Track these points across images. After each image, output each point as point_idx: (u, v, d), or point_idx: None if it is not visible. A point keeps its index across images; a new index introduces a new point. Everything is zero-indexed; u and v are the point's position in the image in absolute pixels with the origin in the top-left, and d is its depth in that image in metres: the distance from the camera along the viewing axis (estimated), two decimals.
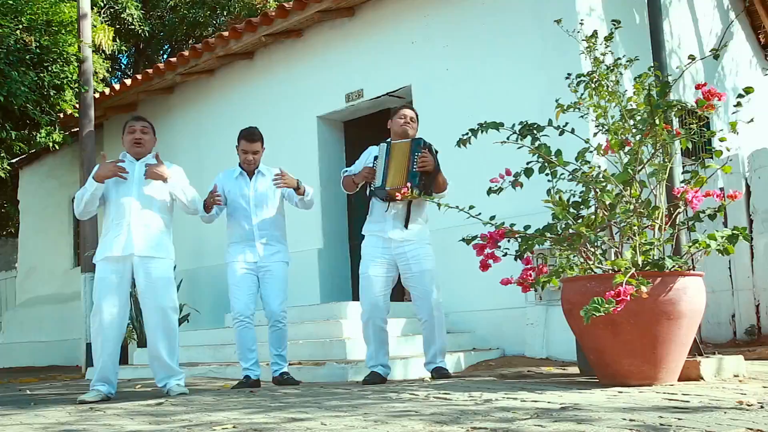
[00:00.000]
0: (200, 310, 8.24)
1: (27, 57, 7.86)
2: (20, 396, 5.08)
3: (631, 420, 2.41)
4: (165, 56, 17.59)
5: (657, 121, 3.38)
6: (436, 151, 4.70)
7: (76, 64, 8.40)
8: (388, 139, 4.77)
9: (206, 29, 15.68)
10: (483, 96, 6.56)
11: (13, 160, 12.09)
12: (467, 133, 3.91)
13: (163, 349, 4.43)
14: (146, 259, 4.41)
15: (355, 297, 7.71)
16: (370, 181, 4.69)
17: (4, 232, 19.36)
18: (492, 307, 6.32)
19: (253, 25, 7.81)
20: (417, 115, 4.88)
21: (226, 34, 8.11)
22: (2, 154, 10.08)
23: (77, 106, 8.67)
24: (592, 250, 3.69)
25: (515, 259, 4.03)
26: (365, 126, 8.13)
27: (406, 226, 4.66)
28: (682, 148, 3.66)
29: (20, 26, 7.93)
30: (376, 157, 4.75)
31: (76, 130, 9.55)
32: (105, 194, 4.49)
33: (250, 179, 5.02)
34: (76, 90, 8.51)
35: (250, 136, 5.01)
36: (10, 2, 7.79)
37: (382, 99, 7.44)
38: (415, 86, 7.11)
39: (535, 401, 3.07)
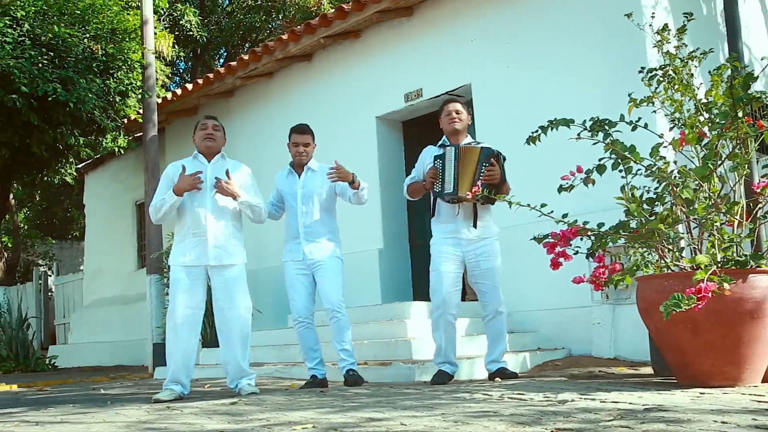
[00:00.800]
0: (262, 311, 8.32)
1: (94, 65, 8.08)
2: (96, 395, 5.21)
3: (723, 422, 2.34)
4: (221, 60, 17.89)
5: (740, 114, 3.27)
6: (504, 158, 4.68)
7: (139, 70, 8.59)
8: (457, 144, 4.71)
9: (261, 33, 15.89)
10: (544, 93, 6.48)
11: (79, 166, 12.46)
12: (537, 131, 3.85)
13: (237, 351, 4.51)
14: (222, 266, 4.52)
15: (416, 297, 7.73)
16: (435, 182, 4.67)
17: (70, 236, 19.99)
18: (556, 307, 6.24)
19: (311, 27, 7.87)
20: (464, 104, 4.85)
21: (285, 37, 8.19)
22: (70, 160, 10.38)
23: (141, 111, 8.89)
24: (669, 247, 3.59)
25: (587, 258, 3.97)
26: (424, 125, 8.10)
27: (474, 226, 4.64)
28: (765, 142, 3.53)
29: (87, 35, 8.15)
30: (436, 158, 4.72)
31: (139, 134, 9.77)
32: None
33: (299, 177, 5.01)
34: (140, 96, 8.71)
35: (301, 128, 5.04)
36: (78, 12, 8.02)
37: (442, 98, 7.39)
38: (475, 84, 7.07)
39: (616, 402, 3.01)
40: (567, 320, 6.17)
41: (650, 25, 4.05)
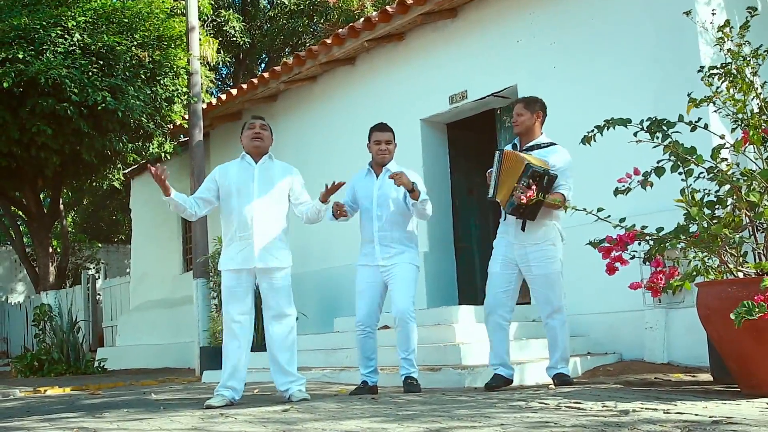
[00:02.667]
0: (308, 315, 8.34)
1: (141, 72, 8.20)
2: (147, 400, 5.25)
3: None
4: (263, 65, 18.00)
5: None
6: (548, 178, 4.31)
7: (185, 76, 8.68)
8: (501, 149, 4.68)
9: (303, 38, 15.95)
10: (593, 93, 6.36)
11: (126, 171, 12.66)
12: (592, 130, 3.77)
13: (284, 356, 4.51)
14: (268, 269, 4.52)
15: (462, 301, 7.66)
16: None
17: (115, 240, 20.34)
18: (606, 310, 6.12)
19: (355, 30, 7.85)
20: (528, 103, 4.73)
21: (328, 40, 8.19)
22: (118, 166, 10.54)
23: (186, 117, 8.98)
24: (732, 252, 3.48)
25: (644, 262, 3.87)
26: (469, 127, 8.05)
27: (522, 229, 4.56)
28: None
29: (135, 43, 8.27)
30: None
31: (184, 139, 9.87)
32: (226, 203, 4.63)
33: (377, 178, 4.90)
34: (186, 102, 8.80)
35: (382, 126, 4.96)
36: (125, 21, 8.14)
37: (487, 99, 7.34)
38: (521, 85, 6.96)
39: (680, 413, 2.92)
40: (618, 324, 6.04)
41: (711, 23, 3.92)
